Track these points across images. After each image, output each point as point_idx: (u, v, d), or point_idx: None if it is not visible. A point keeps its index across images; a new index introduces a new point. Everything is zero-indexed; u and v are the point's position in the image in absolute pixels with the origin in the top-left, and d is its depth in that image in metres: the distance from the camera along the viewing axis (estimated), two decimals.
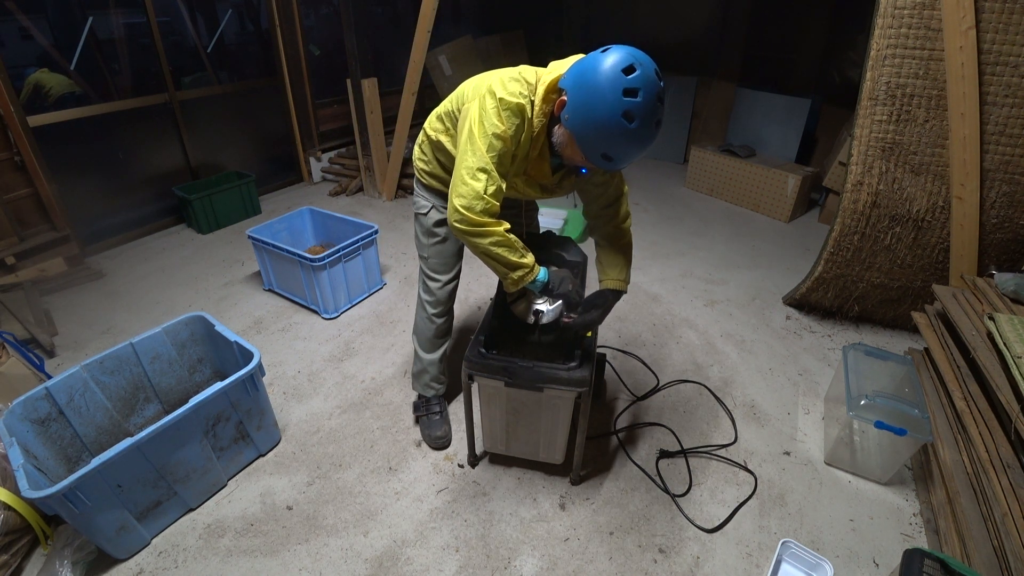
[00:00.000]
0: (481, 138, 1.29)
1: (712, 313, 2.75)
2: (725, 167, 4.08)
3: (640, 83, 1.12)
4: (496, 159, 1.30)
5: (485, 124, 1.29)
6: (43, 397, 1.62)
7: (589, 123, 1.18)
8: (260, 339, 2.52)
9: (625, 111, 1.13)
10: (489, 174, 1.29)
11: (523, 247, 1.40)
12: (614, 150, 1.21)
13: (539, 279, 1.43)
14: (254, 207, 3.82)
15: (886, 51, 2.10)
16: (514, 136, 1.30)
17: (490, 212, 1.31)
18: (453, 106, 1.47)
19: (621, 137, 1.17)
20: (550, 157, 1.39)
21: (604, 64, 1.14)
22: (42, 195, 2.86)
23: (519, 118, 1.29)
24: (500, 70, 1.39)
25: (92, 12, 3.14)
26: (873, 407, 1.70)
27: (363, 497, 1.75)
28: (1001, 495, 1.37)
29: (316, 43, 4.31)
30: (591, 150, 1.23)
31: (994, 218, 2.17)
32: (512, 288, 1.43)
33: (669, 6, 4.86)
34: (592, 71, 1.16)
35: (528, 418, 1.63)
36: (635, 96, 1.12)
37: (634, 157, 1.23)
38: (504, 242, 1.35)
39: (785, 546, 1.53)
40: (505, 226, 1.36)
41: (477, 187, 1.29)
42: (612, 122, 1.14)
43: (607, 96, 1.13)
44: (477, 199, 1.29)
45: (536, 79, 1.32)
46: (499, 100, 1.28)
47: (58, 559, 1.46)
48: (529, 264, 1.40)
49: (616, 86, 1.13)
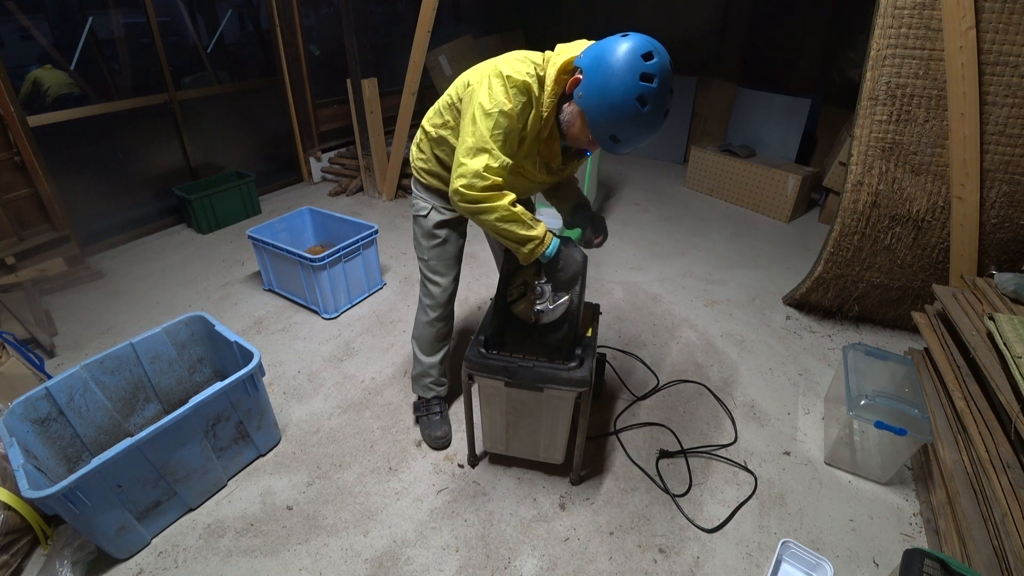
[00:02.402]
0: (484, 118, 1.30)
1: (712, 313, 2.75)
2: (725, 167, 4.08)
3: (657, 70, 1.16)
4: (501, 136, 1.31)
5: (491, 102, 1.30)
6: (43, 397, 1.62)
7: (603, 103, 1.21)
8: (260, 339, 2.52)
9: (640, 95, 1.17)
10: (490, 152, 1.31)
11: (531, 218, 1.40)
12: (623, 132, 1.25)
13: (547, 253, 1.43)
14: (254, 207, 3.82)
15: (886, 51, 2.10)
16: (521, 114, 1.32)
17: (493, 187, 1.32)
18: (454, 96, 1.48)
19: (633, 120, 1.21)
20: (559, 138, 1.41)
21: (624, 47, 1.18)
22: (42, 195, 2.86)
23: (526, 96, 1.31)
24: (505, 54, 1.39)
25: (92, 12, 3.14)
26: (873, 407, 1.70)
27: (363, 497, 1.75)
28: (1001, 495, 1.37)
29: (316, 43, 4.31)
30: (601, 130, 1.27)
31: (994, 218, 2.17)
32: (526, 262, 1.45)
33: (669, 6, 4.86)
34: (612, 53, 1.19)
35: (528, 418, 1.63)
36: (651, 82, 1.16)
37: (640, 141, 1.27)
38: (509, 216, 1.35)
39: (785, 546, 1.53)
40: (510, 198, 1.35)
41: (475, 166, 1.31)
42: (626, 104, 1.18)
43: (625, 78, 1.17)
44: (476, 176, 1.31)
45: (544, 60, 1.35)
46: (506, 78, 1.30)
47: (58, 559, 1.46)
48: (539, 235, 1.39)
49: (634, 70, 1.16)
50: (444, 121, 1.52)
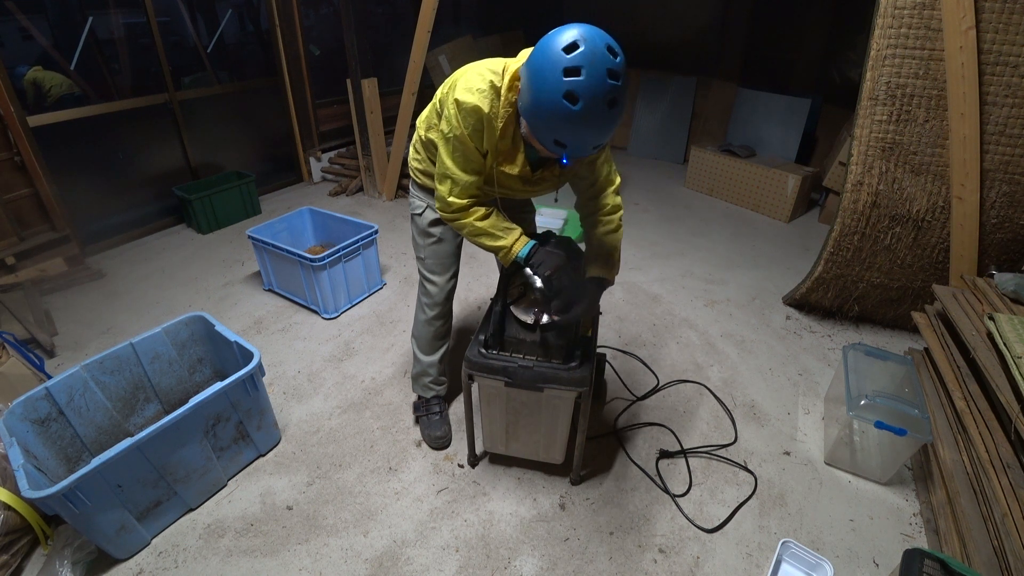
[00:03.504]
0: (443, 143, 1.38)
1: (712, 313, 2.75)
2: (725, 167, 4.08)
3: (582, 61, 1.04)
4: (461, 159, 1.37)
5: (447, 126, 1.34)
6: (43, 397, 1.62)
7: (535, 108, 1.12)
8: (260, 339, 2.52)
9: (567, 92, 1.05)
10: (451, 178, 1.39)
11: (502, 228, 1.45)
12: (563, 135, 1.13)
13: (520, 256, 1.45)
14: (254, 207, 3.82)
15: (886, 51, 2.10)
16: (472, 135, 1.32)
17: (460, 208, 1.42)
18: (438, 103, 1.48)
19: (566, 120, 1.08)
20: (524, 148, 1.36)
21: (548, 44, 1.08)
22: (42, 195, 2.86)
23: (474, 117, 1.29)
24: (471, 64, 1.38)
25: (92, 12, 3.14)
26: (873, 407, 1.70)
27: (363, 497, 1.75)
28: (1001, 495, 1.37)
29: (316, 43, 4.31)
30: (542, 136, 1.17)
31: (994, 218, 2.17)
32: (506, 264, 1.50)
33: (669, 6, 4.86)
34: (537, 52, 1.11)
35: (528, 418, 1.63)
36: (577, 75, 1.04)
37: (589, 142, 1.15)
38: (475, 231, 1.44)
39: (785, 546, 1.53)
40: (478, 214, 1.43)
41: (442, 191, 1.43)
42: (554, 105, 1.07)
43: (547, 77, 1.06)
44: (442, 201, 1.44)
45: (503, 68, 1.29)
46: (455, 102, 1.30)
47: (58, 559, 1.46)
48: (507, 245, 1.44)
49: (556, 65, 1.05)
50: (431, 126, 1.53)
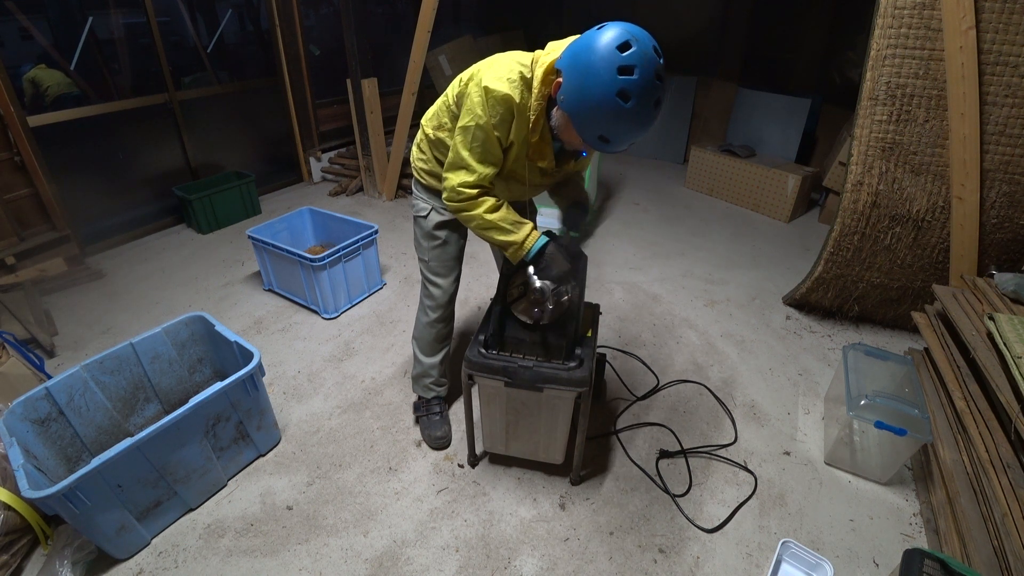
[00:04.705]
0: (461, 132, 1.36)
1: (712, 313, 2.75)
2: (725, 167, 4.08)
3: (636, 60, 1.08)
4: (480, 150, 1.35)
5: (469, 115, 1.33)
6: (43, 397, 1.62)
7: (584, 104, 1.15)
8: (260, 339, 2.52)
9: (620, 90, 1.09)
10: (466, 168, 1.38)
11: (512, 222, 1.43)
12: (611, 131, 1.17)
13: (529, 255, 1.46)
14: (254, 207, 3.82)
15: (886, 51, 2.10)
16: (499, 124, 1.32)
17: (471, 199, 1.40)
18: (451, 99, 1.48)
19: (617, 118, 1.13)
20: (551, 140, 1.38)
21: (598, 42, 1.11)
22: (42, 195, 2.86)
23: (503, 106, 1.29)
24: (495, 56, 1.38)
25: (92, 12, 3.14)
26: (873, 407, 1.70)
27: (363, 497, 1.75)
28: (1001, 495, 1.37)
29: (316, 43, 4.31)
30: (588, 132, 1.20)
31: (994, 218, 2.17)
32: (513, 262, 1.49)
33: (669, 6, 4.86)
34: (586, 49, 1.13)
35: (528, 418, 1.63)
36: (631, 74, 1.08)
37: (632, 139, 1.20)
38: (485, 224, 1.42)
39: (785, 546, 1.53)
40: (488, 204, 1.41)
41: (453, 181, 1.40)
42: (607, 102, 1.11)
43: (601, 75, 1.09)
44: (453, 191, 1.41)
45: (532, 61, 1.31)
46: (484, 89, 1.29)
47: (58, 559, 1.46)
48: (518, 240, 1.44)
49: (611, 64, 1.08)
50: (441, 124, 1.53)
